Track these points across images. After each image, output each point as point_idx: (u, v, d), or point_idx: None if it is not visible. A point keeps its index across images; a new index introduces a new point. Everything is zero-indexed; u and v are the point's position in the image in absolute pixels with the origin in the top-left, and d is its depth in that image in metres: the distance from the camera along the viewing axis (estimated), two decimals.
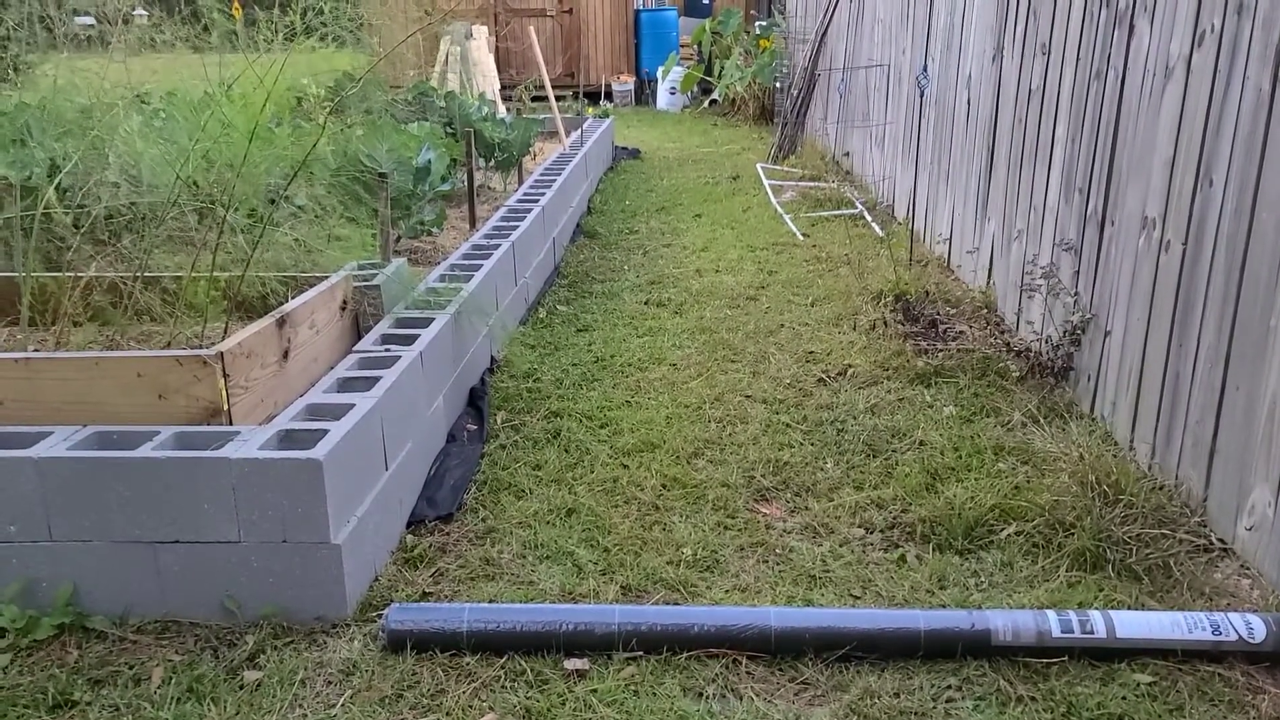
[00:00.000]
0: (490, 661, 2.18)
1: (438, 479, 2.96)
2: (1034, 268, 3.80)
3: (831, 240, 5.85)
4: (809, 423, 3.39)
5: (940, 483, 2.91)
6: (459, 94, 6.87)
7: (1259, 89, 2.45)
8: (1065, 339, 3.46)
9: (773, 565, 2.57)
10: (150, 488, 2.23)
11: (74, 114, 3.10)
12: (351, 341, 3.22)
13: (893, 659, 2.17)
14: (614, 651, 2.18)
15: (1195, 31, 2.75)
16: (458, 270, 3.92)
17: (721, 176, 8.28)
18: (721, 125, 11.87)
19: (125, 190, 2.76)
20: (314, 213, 3.08)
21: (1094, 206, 3.38)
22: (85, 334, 2.90)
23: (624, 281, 5.17)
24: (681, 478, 3.00)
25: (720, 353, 4.07)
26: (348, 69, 3.27)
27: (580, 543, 2.66)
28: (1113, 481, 2.69)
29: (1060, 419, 3.31)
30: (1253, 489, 2.45)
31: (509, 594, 2.43)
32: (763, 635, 2.18)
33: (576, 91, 11.16)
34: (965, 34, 4.91)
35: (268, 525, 2.25)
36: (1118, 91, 3.22)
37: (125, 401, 2.46)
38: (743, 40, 12.59)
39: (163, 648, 2.23)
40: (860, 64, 7.44)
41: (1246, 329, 2.50)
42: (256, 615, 2.29)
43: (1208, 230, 2.67)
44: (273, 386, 2.73)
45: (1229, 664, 2.14)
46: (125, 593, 2.30)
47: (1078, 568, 2.49)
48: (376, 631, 2.26)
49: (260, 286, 2.97)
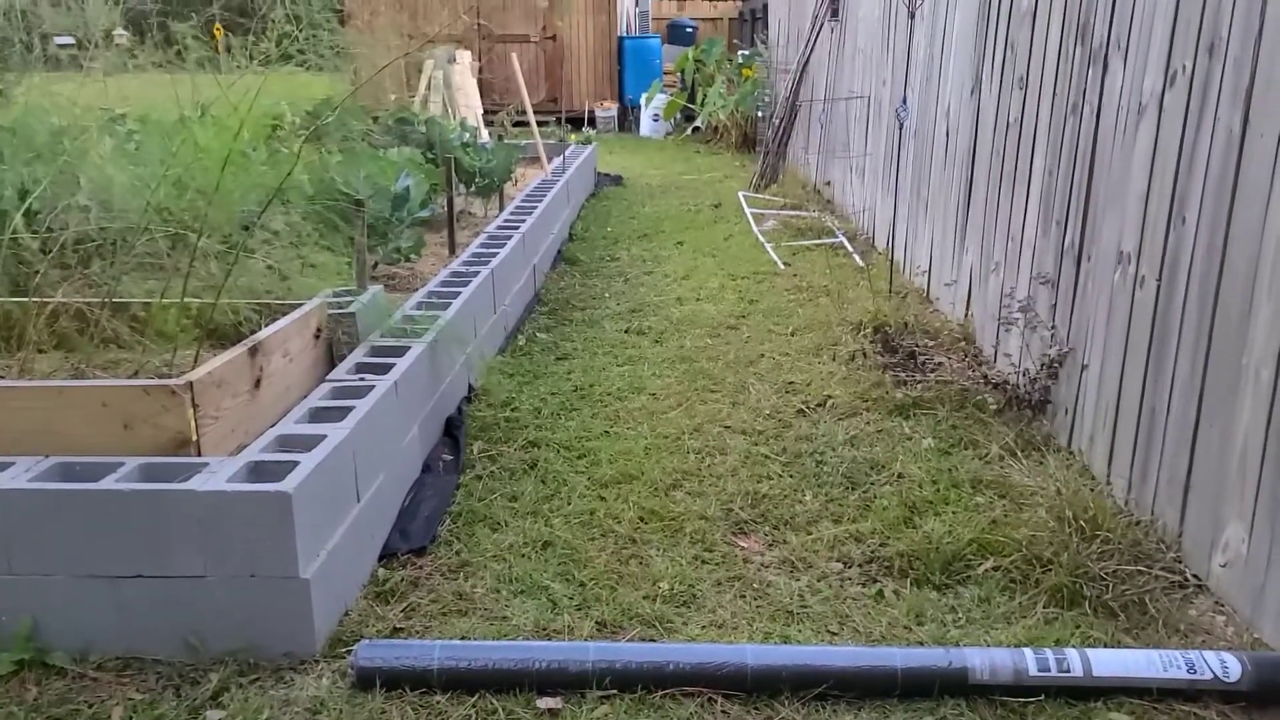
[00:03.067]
0: (461, 700, 2.14)
1: (411, 510, 2.92)
2: (1011, 300, 3.81)
3: (812, 270, 5.86)
4: (788, 454, 3.38)
5: (918, 516, 2.90)
6: (441, 119, 6.87)
7: (1230, 130, 2.47)
8: (1043, 372, 3.47)
9: (750, 600, 2.54)
10: (114, 521, 2.19)
11: (46, 137, 3.06)
12: (325, 370, 3.18)
13: (869, 697, 2.14)
14: (588, 690, 2.14)
15: (1167, 71, 2.78)
16: (435, 297, 3.89)
17: (703, 204, 8.30)
18: (704, 152, 11.93)
19: (95, 215, 2.73)
20: (289, 239, 3.05)
21: (1071, 240, 3.40)
22: (50, 362, 2.85)
23: (604, 309, 5.16)
24: (659, 510, 2.97)
25: (700, 382, 4.06)
26: (326, 95, 3.26)
27: (556, 577, 2.62)
28: (1090, 517, 2.68)
29: (1038, 452, 3.31)
30: (1227, 525, 2.45)
31: (482, 630, 2.39)
32: (739, 673, 2.15)
33: (559, 117, 11.20)
34: (944, 66, 4.96)
35: (235, 559, 2.21)
36: (1093, 128, 3.25)
37: (90, 432, 2.41)
38: (725, 69, 12.71)
39: (123, 685, 2.18)
40: (841, 94, 7.50)
41: (1219, 366, 2.50)
42: (221, 651, 2.24)
43: (1181, 267, 2.68)
44: (244, 416, 2.69)
45: (1204, 703, 2.12)
46: (87, 628, 2.24)
47: (1055, 604, 2.48)
48: (345, 669, 2.22)
49: (233, 314, 2.93)
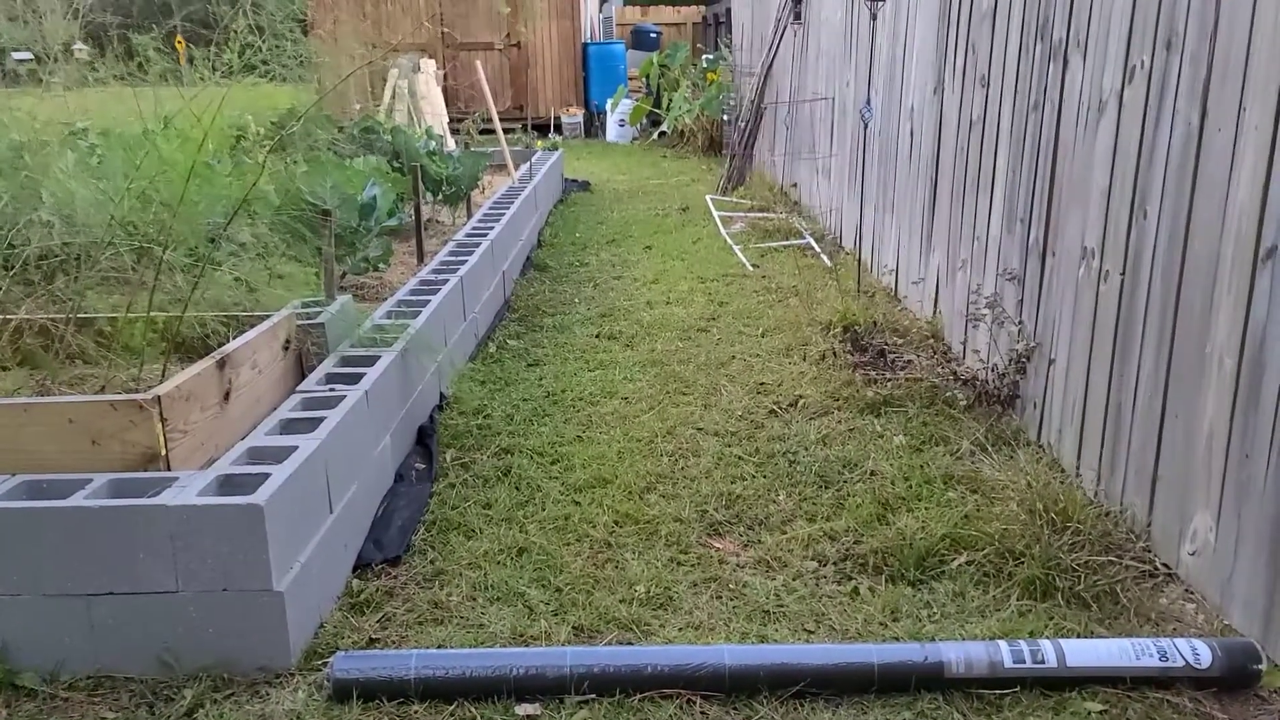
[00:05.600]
0: (439, 709, 2.12)
1: (385, 520, 2.90)
2: (979, 297, 3.85)
3: (781, 271, 5.90)
4: (761, 455, 3.39)
5: (891, 513, 2.92)
6: (406, 128, 6.84)
7: (1188, 123, 2.51)
8: (1011, 367, 3.51)
9: (726, 601, 2.55)
10: (83, 538, 2.16)
11: (6, 152, 3.02)
12: (295, 381, 3.15)
13: (847, 694, 2.16)
14: (566, 695, 2.14)
15: (1126, 67, 2.83)
16: (405, 306, 3.88)
17: (671, 208, 8.32)
18: (671, 157, 11.96)
19: (59, 230, 2.69)
20: (256, 251, 3.02)
21: (1035, 237, 3.45)
22: (14, 379, 2.81)
23: (575, 315, 5.15)
24: (634, 513, 2.97)
25: (672, 385, 4.07)
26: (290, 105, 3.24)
27: (531, 583, 2.62)
28: (1060, 509, 2.71)
29: (1008, 446, 3.35)
30: (1194, 515, 2.49)
31: (458, 638, 2.38)
32: (717, 674, 2.16)
33: (525, 124, 11.20)
34: (907, 67, 5.00)
35: (207, 574, 2.18)
36: (1055, 124, 3.29)
37: (56, 449, 2.38)
38: (690, 73, 12.76)
39: (95, 705, 2.14)
40: (805, 97, 7.55)
41: (1183, 357, 2.55)
42: (195, 667, 2.21)
43: (1144, 261, 2.72)
44: (213, 429, 2.66)
45: (1177, 690, 2.15)
46: (57, 648, 2.20)
47: (1028, 596, 2.51)
48: (322, 681, 2.20)
49: (200, 327, 2.91)
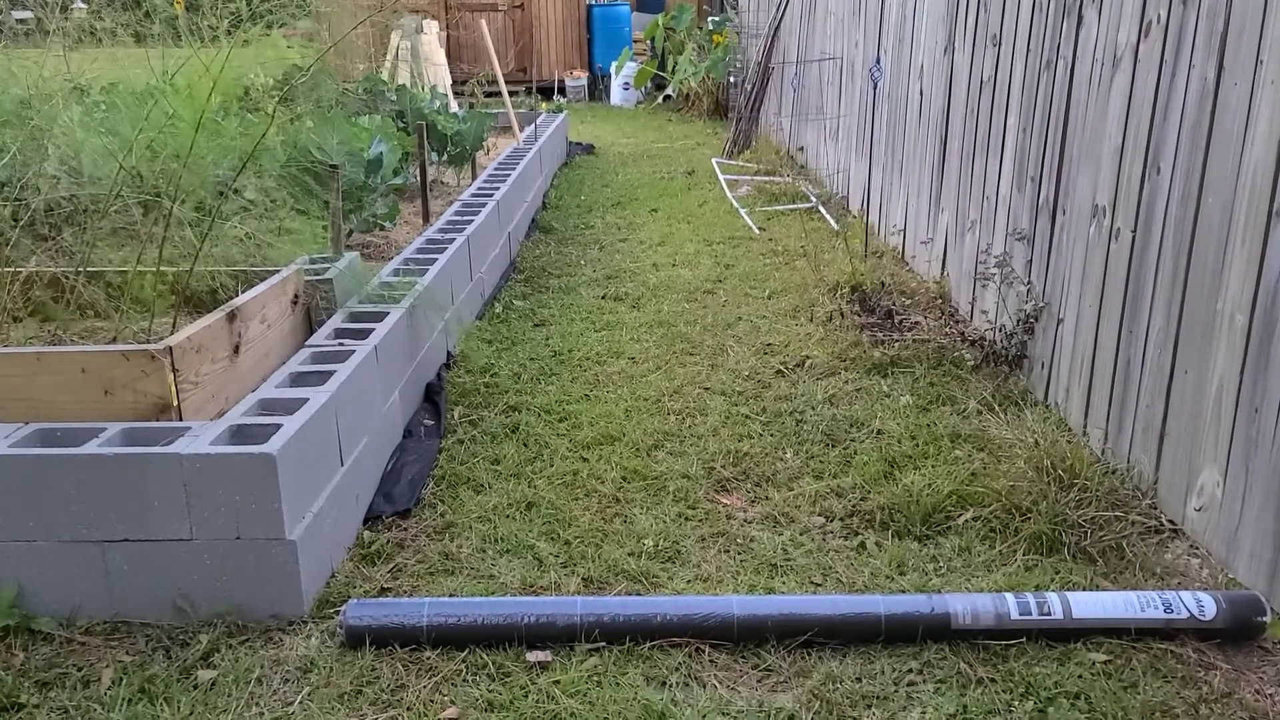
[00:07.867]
0: (451, 655, 2.15)
1: (395, 474, 2.92)
2: (987, 257, 3.84)
3: (787, 234, 5.87)
4: (768, 414, 3.40)
5: (898, 471, 2.93)
6: (410, 88, 6.79)
7: (1204, 78, 2.49)
8: (1019, 327, 3.51)
9: (734, 555, 2.57)
10: (97, 485, 2.17)
11: (11, 105, 3.01)
12: (304, 336, 3.16)
13: (854, 644, 2.18)
14: (576, 643, 2.16)
15: (1142, 21, 2.80)
16: (412, 264, 3.87)
17: (677, 171, 8.28)
18: (676, 120, 11.87)
19: (66, 183, 2.68)
20: (264, 206, 3.02)
21: (1045, 196, 3.43)
22: (26, 330, 2.81)
23: (581, 276, 5.15)
24: (641, 470, 2.99)
25: (678, 346, 4.07)
26: (296, 60, 3.22)
27: (541, 536, 2.64)
28: (1067, 466, 2.73)
29: (1015, 406, 3.35)
30: (1201, 470, 2.50)
31: (469, 588, 2.40)
32: (725, 623, 2.18)
33: (529, 87, 11.09)
34: (917, 26, 4.96)
35: (220, 522, 2.20)
36: (1067, 81, 3.27)
37: (69, 398, 2.39)
38: (696, 35, 12.62)
39: (112, 649, 2.17)
40: (813, 58, 7.49)
41: (1194, 313, 2.54)
42: (210, 614, 2.23)
43: (1156, 218, 2.71)
44: (224, 382, 2.67)
45: (1181, 641, 2.18)
46: (73, 593, 2.23)
47: (1034, 551, 2.53)
48: (334, 628, 2.22)
49: (209, 281, 2.91)
